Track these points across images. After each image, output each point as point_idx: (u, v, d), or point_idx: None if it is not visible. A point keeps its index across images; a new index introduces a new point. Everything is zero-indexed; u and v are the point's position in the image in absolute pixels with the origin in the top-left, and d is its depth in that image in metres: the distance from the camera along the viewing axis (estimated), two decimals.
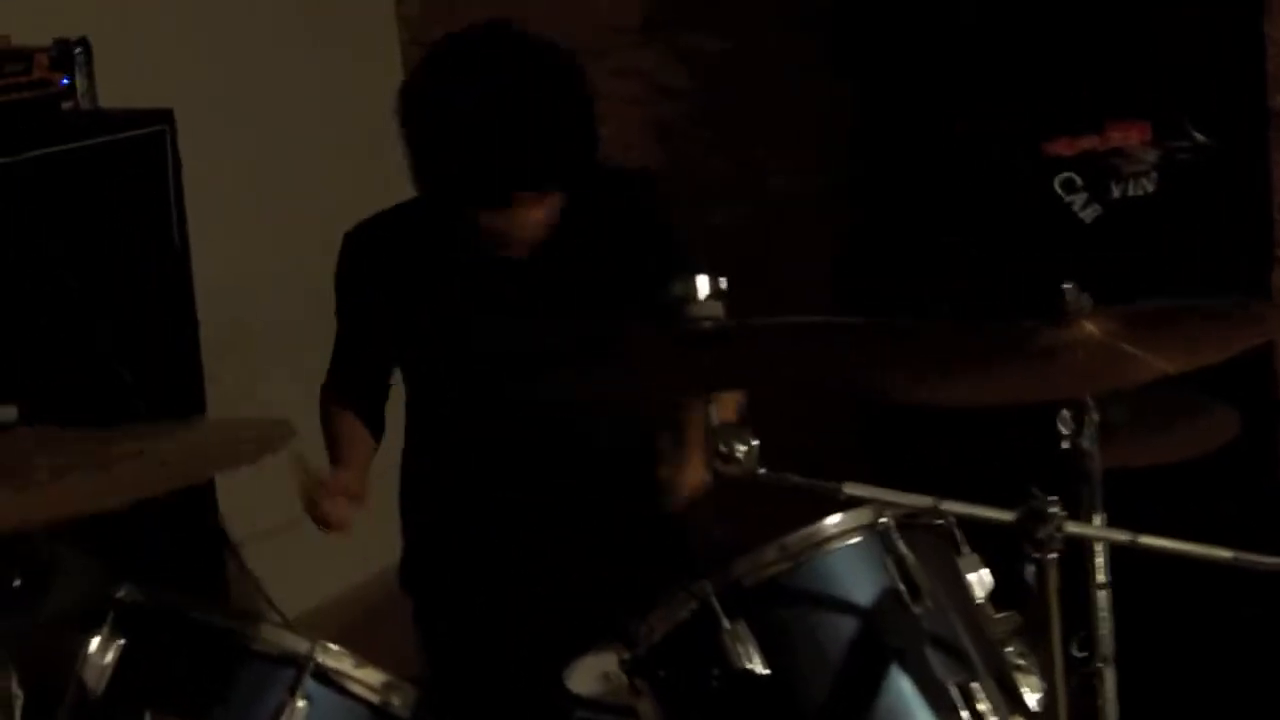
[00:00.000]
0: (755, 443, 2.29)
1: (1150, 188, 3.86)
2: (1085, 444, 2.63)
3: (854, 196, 4.11)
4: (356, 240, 3.32)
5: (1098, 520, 2.57)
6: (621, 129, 4.50)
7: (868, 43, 4.07)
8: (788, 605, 2.45)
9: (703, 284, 2.31)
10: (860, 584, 2.46)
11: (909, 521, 2.50)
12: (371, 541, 3.40)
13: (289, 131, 4.47)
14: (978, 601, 2.54)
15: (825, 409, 3.86)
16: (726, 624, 2.41)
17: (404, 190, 4.80)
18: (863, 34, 4.07)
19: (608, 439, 3.22)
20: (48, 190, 3.59)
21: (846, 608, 2.44)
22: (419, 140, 3.11)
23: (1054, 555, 2.30)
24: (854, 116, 4.08)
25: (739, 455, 2.28)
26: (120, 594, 2.32)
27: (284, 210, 4.46)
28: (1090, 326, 2.64)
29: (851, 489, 2.30)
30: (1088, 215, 3.86)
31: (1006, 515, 2.29)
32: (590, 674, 2.85)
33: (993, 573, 2.57)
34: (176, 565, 3.67)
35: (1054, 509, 2.30)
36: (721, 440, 2.28)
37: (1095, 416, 2.63)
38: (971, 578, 2.55)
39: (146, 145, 3.74)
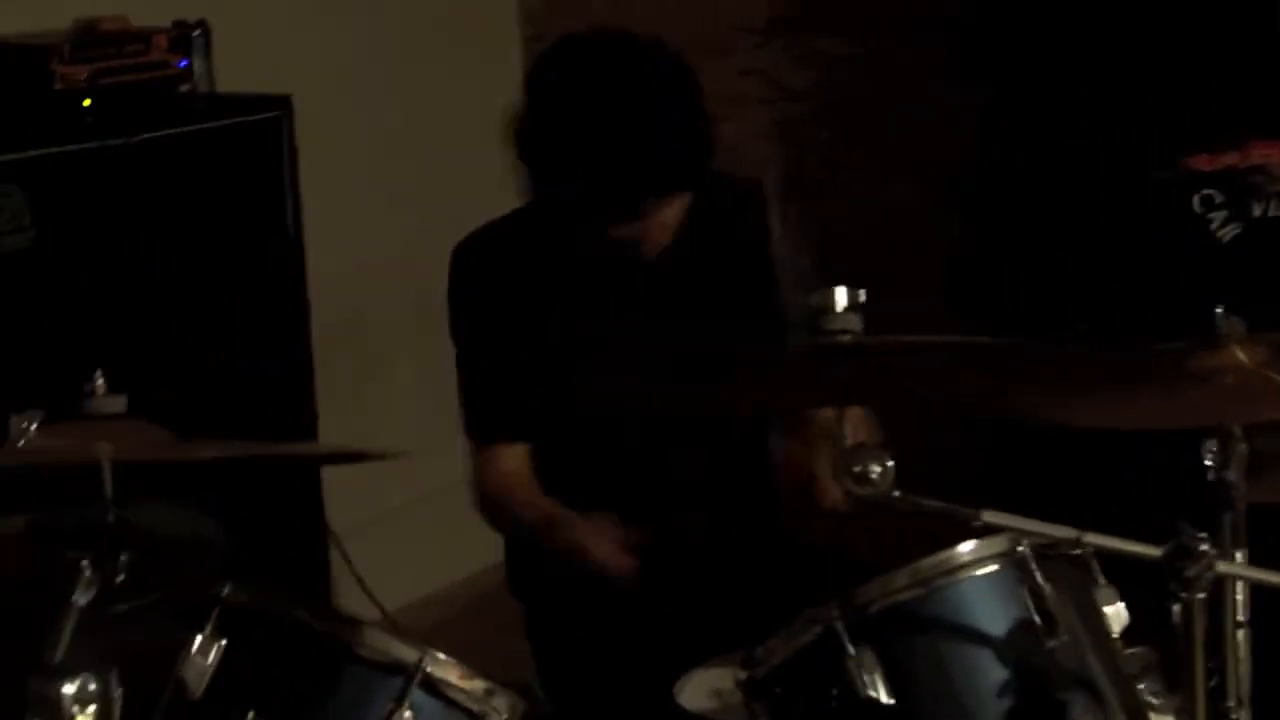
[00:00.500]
0: (890, 463, 2.16)
1: None
2: (1230, 476, 2.49)
3: (981, 207, 3.97)
4: (469, 256, 3.15)
5: (1240, 557, 2.43)
6: (744, 128, 4.40)
7: (999, 50, 3.94)
8: (916, 633, 2.31)
9: (841, 296, 2.18)
10: (994, 614, 2.32)
11: (1045, 550, 2.36)
12: (475, 537, 3.30)
13: (406, 121, 4.38)
14: (1113, 636, 2.39)
15: (945, 429, 3.72)
16: (851, 650, 2.28)
17: (511, 185, 4.79)
18: (994, 41, 3.93)
19: (729, 448, 3.11)
20: (161, 174, 3.51)
21: (978, 638, 2.30)
22: (538, 158, 3.00)
23: (1201, 595, 2.16)
24: (983, 124, 3.94)
25: (874, 476, 2.16)
26: (225, 593, 2.22)
27: (399, 201, 4.37)
28: (1241, 353, 2.50)
29: (990, 516, 2.16)
30: (1226, 234, 3.71)
31: (1153, 551, 2.15)
32: (701, 690, 2.73)
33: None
34: (279, 555, 3.58)
35: (1204, 546, 2.15)
36: (856, 460, 2.15)
37: (1243, 447, 2.50)
38: (1108, 611, 2.41)
39: (263, 131, 3.67)
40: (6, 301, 3.28)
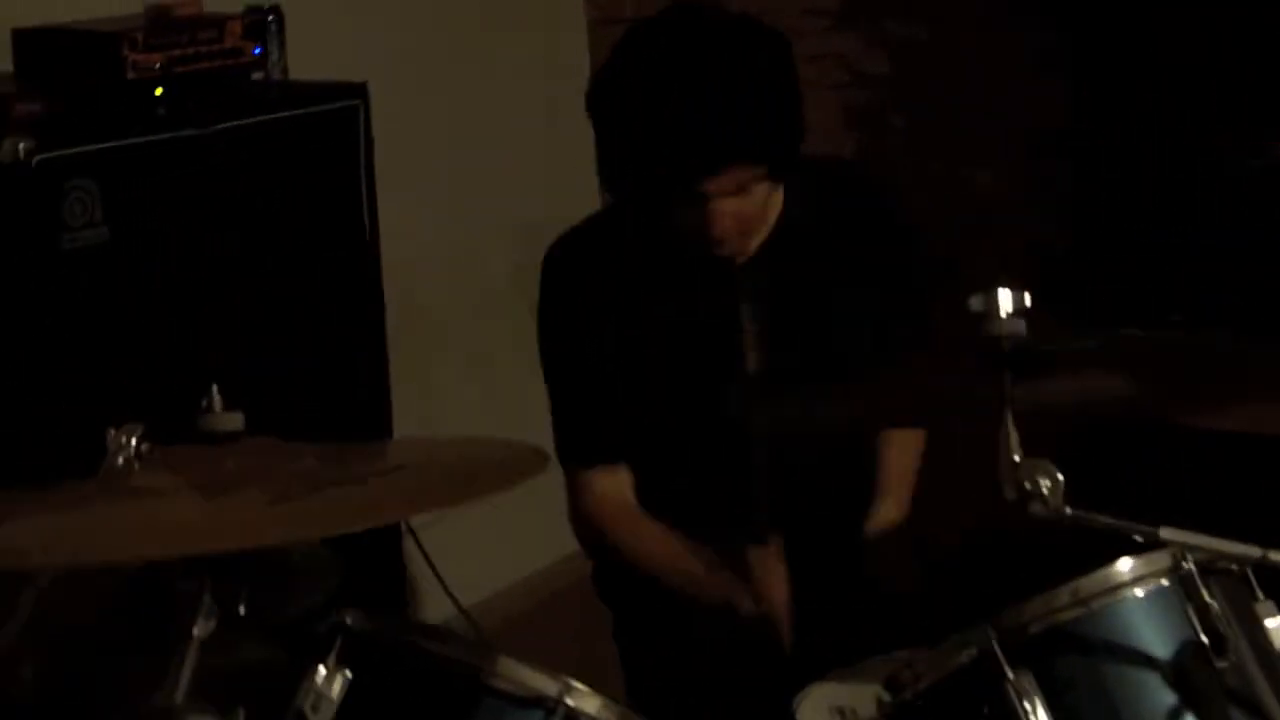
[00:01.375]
0: (1061, 478, 1.98)
1: None
2: None
3: (1068, 195, 3.79)
4: (560, 266, 2.92)
5: None
6: (816, 115, 4.20)
7: (1081, 36, 3.76)
8: (1077, 656, 2.13)
9: (1006, 298, 1.99)
10: (1159, 635, 2.13)
11: (1209, 566, 2.17)
12: (548, 528, 3.12)
13: (477, 110, 4.19)
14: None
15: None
16: (1010, 674, 2.10)
17: (587, 170, 4.61)
18: (1076, 27, 3.75)
19: (823, 462, 2.90)
20: (237, 165, 3.33)
21: (1143, 661, 2.12)
22: (602, 127, 2.80)
23: None
24: (1068, 111, 3.76)
25: (1045, 492, 1.97)
26: (348, 621, 2.03)
27: (471, 193, 4.18)
28: None
29: (1168, 533, 1.98)
30: None
31: None
32: (821, 705, 2.56)
33: None
34: (350, 547, 3.40)
35: None
36: (1025, 475, 1.97)
37: None
38: (1270, 625, 2.23)
39: (339, 120, 3.48)
40: (83, 299, 3.09)
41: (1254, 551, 1.97)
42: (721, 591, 2.79)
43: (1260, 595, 2.24)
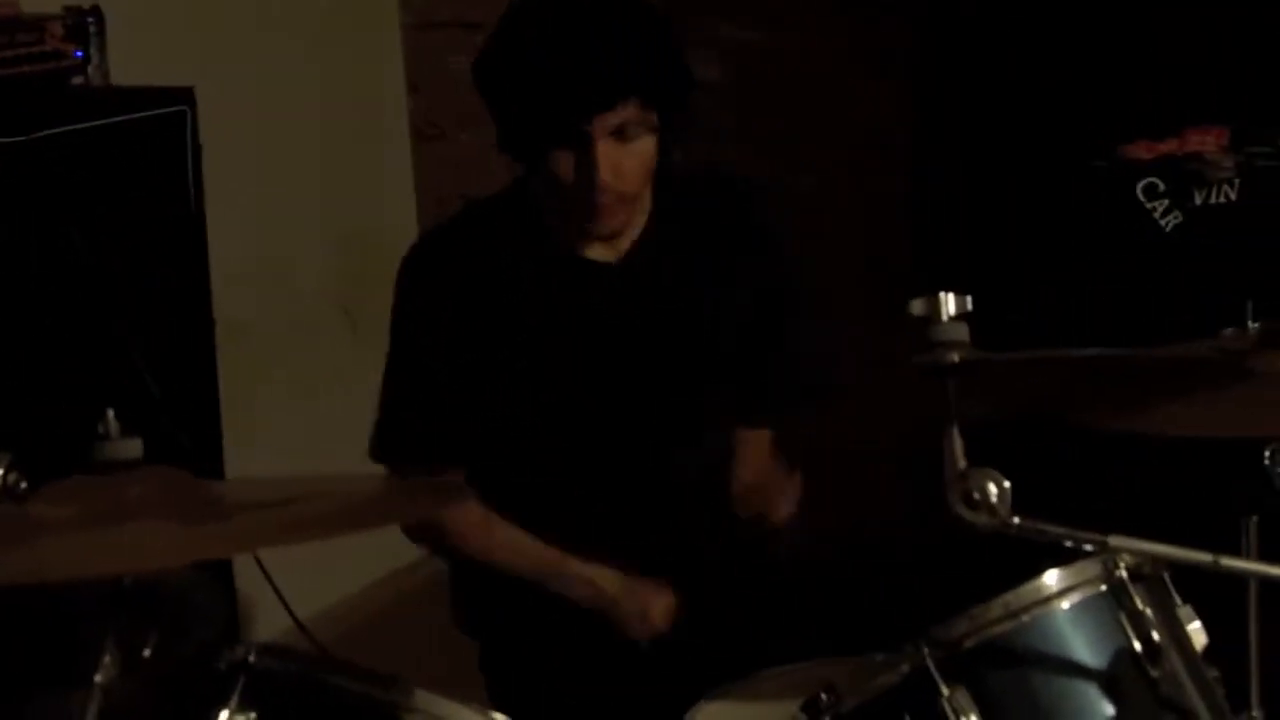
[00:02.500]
0: (1008, 485, 1.87)
1: (1232, 195, 3.49)
2: None
3: (913, 200, 3.71)
4: (418, 265, 2.81)
5: None
6: None
7: (923, 38, 3.67)
8: (1012, 669, 2.04)
9: (949, 303, 1.88)
10: (1093, 645, 2.06)
11: (1134, 572, 2.09)
12: (384, 540, 2.96)
13: (293, 117, 3.99)
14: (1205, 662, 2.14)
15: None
16: (945, 690, 2.00)
17: (404, 180, 4.45)
18: (918, 30, 3.67)
19: (691, 472, 2.81)
20: (59, 173, 3.09)
21: (1078, 671, 2.05)
22: (496, 81, 2.70)
23: None
24: (913, 115, 3.67)
25: (992, 500, 1.86)
26: (251, 658, 1.85)
27: (291, 203, 3.99)
28: None
29: (1118, 541, 1.89)
30: (1169, 223, 3.49)
31: None
32: None
33: None
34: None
35: None
36: (972, 485, 1.86)
37: None
38: (1191, 629, 2.15)
39: (165, 126, 3.26)
40: None
41: (1205, 557, 1.87)
42: (583, 576, 2.74)
43: (1179, 600, 2.17)
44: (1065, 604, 2.06)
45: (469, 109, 4.27)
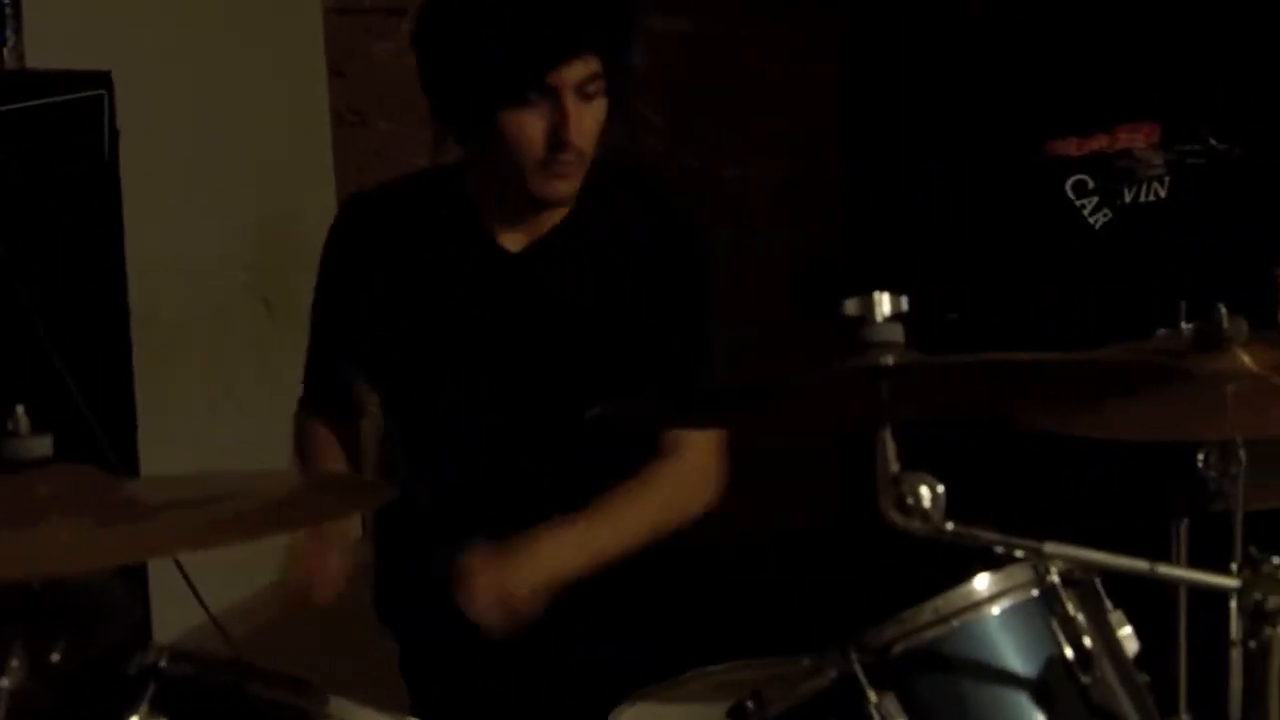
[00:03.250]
0: (942, 489, 1.83)
1: (1162, 193, 3.46)
2: (1231, 487, 2.23)
3: (840, 193, 3.67)
4: (356, 212, 2.84)
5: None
6: None
7: (852, 28, 3.63)
8: (942, 675, 2.00)
9: (884, 303, 1.84)
10: (1024, 651, 2.01)
11: (1068, 577, 2.05)
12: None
13: (217, 101, 3.91)
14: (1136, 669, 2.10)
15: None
16: (873, 696, 1.96)
17: (324, 167, 4.36)
18: (851, 22, 3.63)
19: (610, 465, 2.72)
20: None
21: (1008, 678, 2.00)
22: (436, 38, 2.63)
23: None
24: (843, 108, 3.63)
25: (925, 506, 1.82)
26: (161, 664, 1.78)
27: (208, 192, 3.91)
28: (1246, 356, 2.23)
29: (1053, 549, 1.84)
30: (1098, 220, 3.46)
31: (1230, 581, 1.86)
32: None
33: None
34: None
35: None
36: (906, 489, 1.81)
37: (1244, 458, 2.23)
38: (1122, 635, 2.12)
39: (82, 111, 3.18)
40: None
41: (1141, 565, 1.84)
42: None
43: (1110, 605, 2.14)
44: (996, 609, 2.01)
45: (392, 96, 4.21)
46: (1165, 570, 1.86)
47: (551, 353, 2.71)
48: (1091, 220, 3.46)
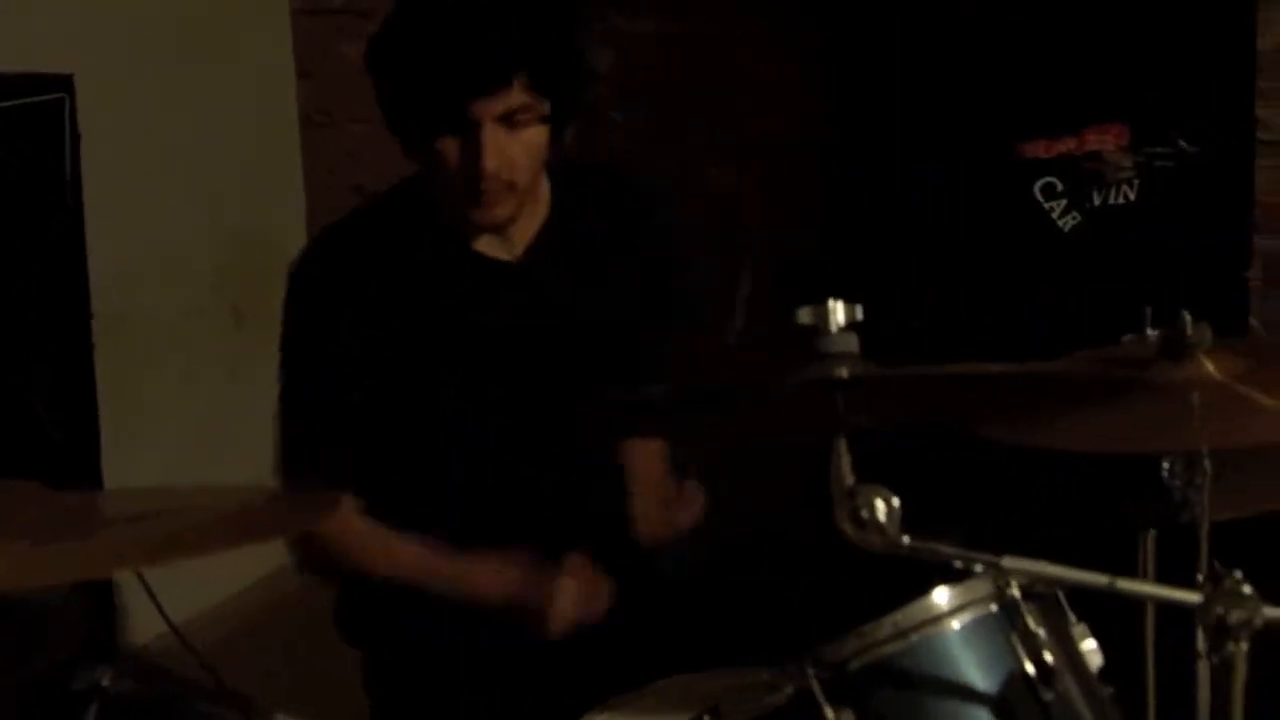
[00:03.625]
0: (897, 502, 1.79)
1: (1131, 195, 3.43)
2: (1196, 497, 2.19)
3: (810, 194, 3.63)
4: (308, 275, 2.67)
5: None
6: None
7: (823, 28, 3.59)
8: (900, 692, 1.96)
9: (838, 312, 1.80)
10: (984, 667, 1.97)
11: (1030, 590, 2.02)
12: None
13: (181, 104, 3.87)
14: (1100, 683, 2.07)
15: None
16: (830, 713, 1.92)
17: (293, 169, 4.33)
18: (823, 22, 3.59)
19: (588, 483, 2.72)
20: None
21: (968, 694, 1.97)
22: (380, 61, 2.60)
23: (1244, 646, 1.83)
24: (816, 109, 3.59)
25: (881, 520, 1.78)
26: (105, 682, 1.75)
27: (176, 195, 3.87)
28: (1210, 365, 2.20)
29: (1011, 563, 1.81)
30: (1067, 223, 3.43)
31: (1192, 596, 1.82)
32: None
33: None
34: None
35: (1248, 590, 1.82)
36: (861, 502, 1.78)
37: (1209, 469, 2.19)
38: (1086, 649, 2.08)
39: (42, 114, 3.15)
40: None
41: (1100, 579, 1.80)
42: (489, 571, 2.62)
43: (1074, 618, 2.10)
44: (955, 624, 1.98)
45: (361, 97, 4.17)
46: (1125, 585, 1.82)
47: (551, 358, 2.68)
48: (1060, 223, 3.43)
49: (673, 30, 3.95)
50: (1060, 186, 3.43)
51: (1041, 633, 1.99)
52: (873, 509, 1.78)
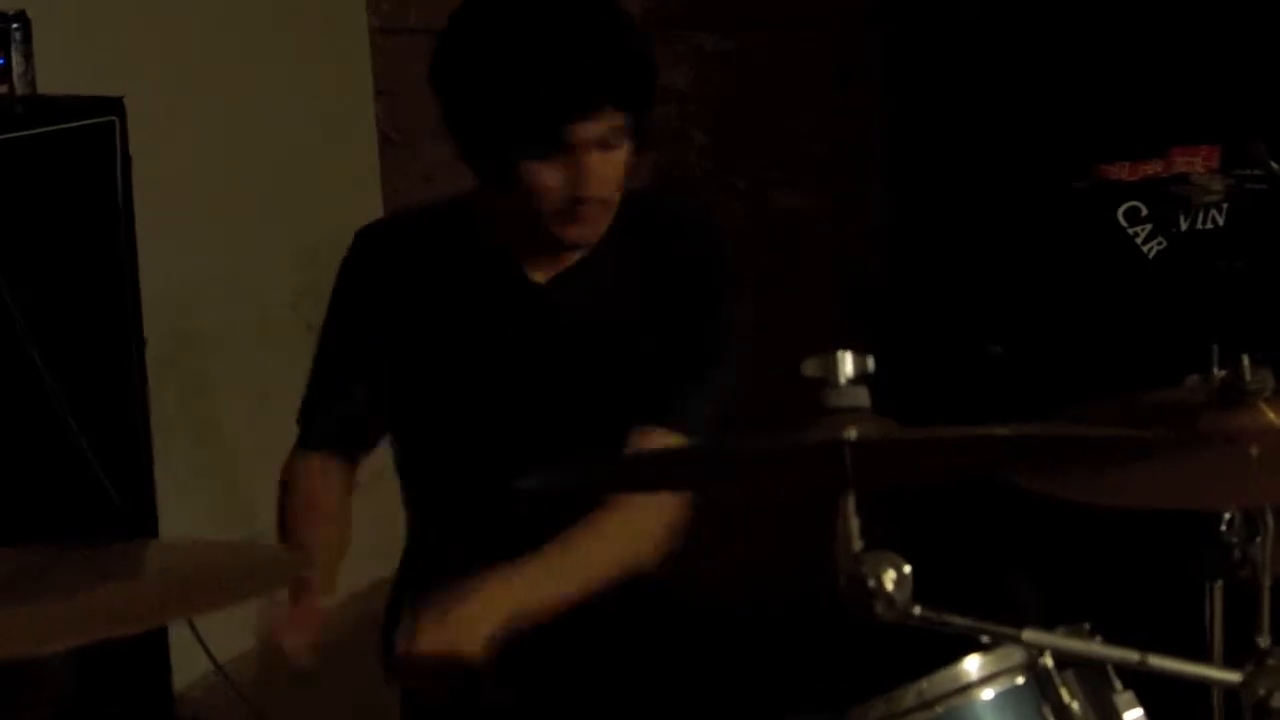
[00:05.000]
0: (908, 569, 1.64)
1: (1220, 220, 3.24)
2: (1258, 555, 2.03)
3: (884, 218, 3.47)
4: (369, 243, 2.71)
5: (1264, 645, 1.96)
6: None
7: (902, 50, 3.44)
8: None
9: (846, 363, 1.66)
10: None
11: (1064, 658, 1.86)
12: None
13: (246, 125, 3.78)
14: None
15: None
16: None
17: (371, 188, 4.23)
18: (897, 41, 3.43)
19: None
20: None
21: None
22: (451, 84, 2.54)
23: None
24: (884, 130, 3.43)
25: (890, 588, 1.63)
26: None
27: (246, 214, 3.78)
28: (1271, 413, 2.03)
29: (1032, 637, 1.66)
30: (1151, 249, 3.25)
31: (1231, 676, 1.66)
32: None
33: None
34: None
35: None
36: (868, 570, 1.63)
37: (1270, 524, 2.02)
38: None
39: (93, 137, 3.06)
40: None
41: (1132, 656, 1.65)
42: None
43: (1119, 685, 1.94)
44: (985, 694, 1.84)
45: (438, 117, 4.07)
46: (1158, 662, 1.66)
47: (582, 382, 2.60)
48: (1145, 249, 3.25)
49: (746, 49, 3.82)
50: (1145, 211, 3.25)
51: (1076, 705, 1.84)
52: (879, 578, 1.64)
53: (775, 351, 2.52)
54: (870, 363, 1.67)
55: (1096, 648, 1.67)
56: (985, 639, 1.71)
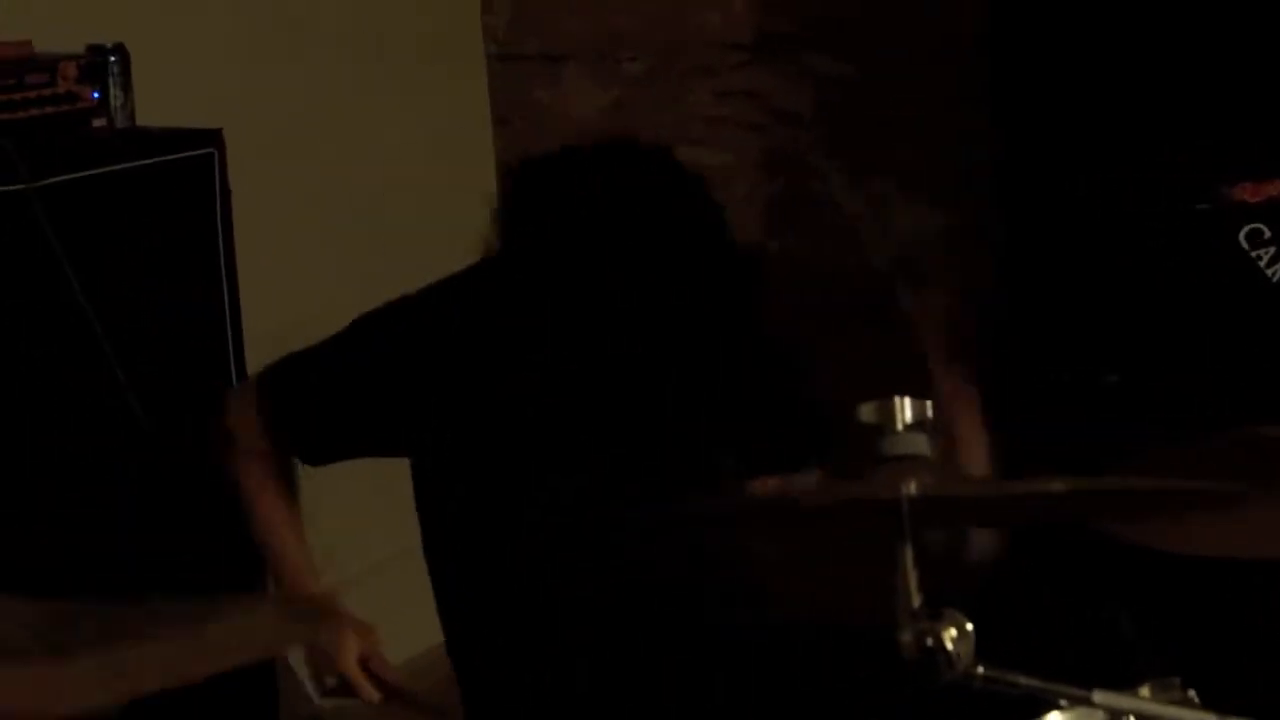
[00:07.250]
0: (970, 627, 1.51)
1: None
2: None
3: (1001, 242, 3.32)
4: (485, 291, 2.64)
5: None
6: (729, 156, 3.76)
7: (1018, 70, 3.29)
8: None
9: (905, 408, 1.53)
10: None
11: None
12: (419, 619, 2.70)
13: (354, 155, 3.71)
14: None
15: None
16: None
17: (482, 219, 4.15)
18: (1014, 62, 3.28)
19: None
20: (73, 222, 2.83)
21: None
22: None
23: None
24: (999, 152, 3.29)
25: (950, 647, 1.50)
26: None
27: (346, 247, 3.70)
28: None
29: (1102, 698, 1.51)
30: (1276, 273, 3.08)
31: None
32: None
33: None
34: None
35: None
36: (927, 629, 1.50)
37: None
38: None
39: (191, 170, 3.00)
40: None
41: (1209, 719, 1.50)
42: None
43: None
44: None
45: (555, 143, 3.98)
46: None
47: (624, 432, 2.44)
48: (1269, 273, 3.08)
49: (865, 72, 3.69)
50: (1268, 233, 3.07)
51: None
52: (938, 637, 1.51)
53: (894, 375, 2.39)
54: (929, 409, 1.55)
55: (1168, 709, 1.52)
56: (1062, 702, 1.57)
